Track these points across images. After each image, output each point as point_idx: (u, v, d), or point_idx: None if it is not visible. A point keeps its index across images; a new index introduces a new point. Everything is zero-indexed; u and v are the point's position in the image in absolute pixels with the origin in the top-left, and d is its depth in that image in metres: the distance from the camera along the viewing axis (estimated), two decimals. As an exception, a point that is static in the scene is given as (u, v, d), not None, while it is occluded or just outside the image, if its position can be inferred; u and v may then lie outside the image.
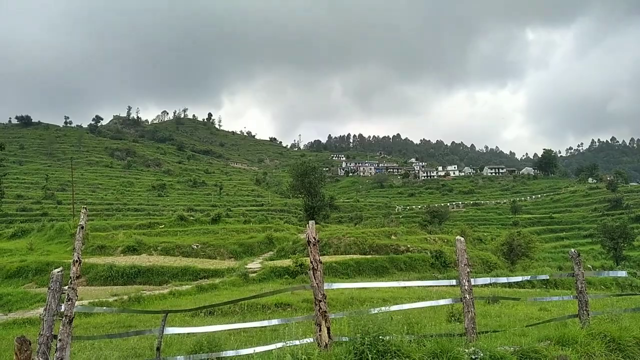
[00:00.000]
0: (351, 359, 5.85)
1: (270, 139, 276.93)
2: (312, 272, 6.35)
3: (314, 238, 6.50)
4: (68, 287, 4.95)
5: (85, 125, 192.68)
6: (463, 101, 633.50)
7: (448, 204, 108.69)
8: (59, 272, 6.09)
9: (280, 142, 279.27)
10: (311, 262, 6.39)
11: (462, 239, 7.04)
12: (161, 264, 25.73)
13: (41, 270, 25.68)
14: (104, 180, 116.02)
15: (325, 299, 6.34)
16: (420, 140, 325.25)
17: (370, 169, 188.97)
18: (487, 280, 8.83)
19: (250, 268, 24.47)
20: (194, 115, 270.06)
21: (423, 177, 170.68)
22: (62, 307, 5.99)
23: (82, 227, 5.14)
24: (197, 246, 31.67)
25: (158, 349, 6.02)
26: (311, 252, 6.45)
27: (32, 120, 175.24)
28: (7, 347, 9.58)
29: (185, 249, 31.06)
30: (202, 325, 9.44)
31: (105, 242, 32.07)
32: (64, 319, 4.88)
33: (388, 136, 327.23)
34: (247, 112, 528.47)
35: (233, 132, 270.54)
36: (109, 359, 6.72)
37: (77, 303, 6.11)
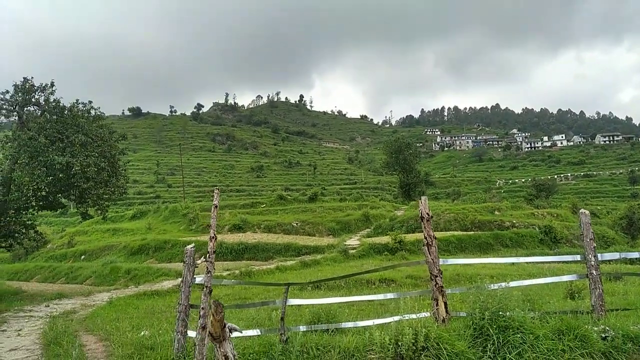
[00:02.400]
0: (470, 334, 5.80)
1: (361, 116, 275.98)
2: (426, 248, 6.35)
3: (428, 214, 6.47)
4: (207, 261, 5.43)
5: (188, 113, 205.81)
6: (570, 63, 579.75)
7: (555, 177, 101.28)
8: (191, 248, 6.69)
9: (372, 120, 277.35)
10: (425, 238, 6.38)
11: (587, 212, 6.61)
12: (265, 240, 27.08)
13: (160, 248, 28.21)
14: (208, 164, 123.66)
15: (441, 274, 6.32)
16: (522, 109, 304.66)
17: (468, 142, 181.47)
18: (615, 255, 8.21)
19: (349, 245, 24.91)
20: (286, 98, 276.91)
21: (526, 149, 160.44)
22: (197, 278, 6.60)
23: (216, 207, 5.57)
24: (296, 224, 32.84)
25: (282, 318, 6.41)
26: (425, 227, 6.44)
27: (142, 111, 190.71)
28: (144, 313, 10.77)
29: (286, 226, 32.33)
30: (311, 297, 9.89)
31: (213, 221, 34.33)
32: (204, 289, 5.37)
33: (486, 107, 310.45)
34: (337, 91, 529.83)
35: (324, 112, 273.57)
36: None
37: (200, 277, 6.69)
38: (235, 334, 4.56)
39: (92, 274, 23.11)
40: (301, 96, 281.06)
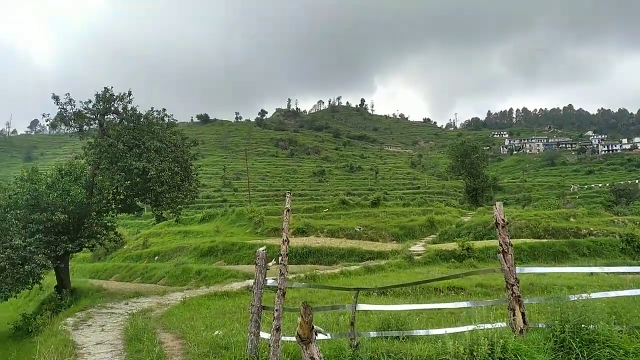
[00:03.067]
0: (551, 347, 5.53)
1: (424, 120, 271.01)
2: (502, 256, 6.13)
3: (503, 220, 6.25)
4: (279, 264, 5.54)
5: (252, 119, 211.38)
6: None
7: (637, 181, 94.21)
8: (263, 250, 6.86)
9: (435, 123, 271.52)
10: (500, 245, 6.17)
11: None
12: (329, 245, 27.18)
13: (227, 250, 29.07)
14: (271, 168, 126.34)
15: (517, 283, 6.07)
16: (598, 110, 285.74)
17: (538, 145, 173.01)
18: None
19: (414, 251, 24.46)
20: (347, 102, 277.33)
21: (603, 152, 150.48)
22: (268, 281, 6.76)
23: (288, 210, 5.69)
24: (359, 229, 32.72)
25: (352, 323, 6.42)
26: (500, 234, 6.22)
27: (210, 118, 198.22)
28: (216, 313, 11.15)
29: (348, 231, 32.29)
30: (378, 303, 9.81)
31: (277, 224, 34.93)
32: (278, 291, 5.48)
33: (557, 108, 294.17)
34: (399, 94, 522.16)
35: (386, 115, 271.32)
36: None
37: (271, 279, 6.82)
38: (320, 337, 4.62)
39: (165, 274, 24.24)
40: (362, 100, 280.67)
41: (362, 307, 7.20)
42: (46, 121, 20.85)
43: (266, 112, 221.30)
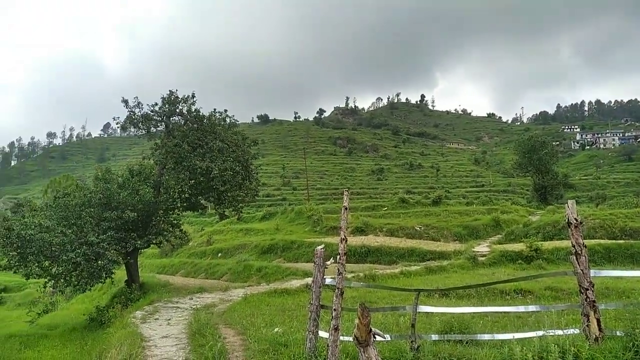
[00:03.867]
0: (630, 357, 5.09)
1: (488, 114, 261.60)
2: (575, 258, 5.72)
3: (576, 219, 5.83)
4: (338, 263, 5.47)
5: (310, 118, 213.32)
6: None
7: None
8: (321, 249, 6.82)
9: (500, 117, 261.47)
10: (573, 247, 5.76)
11: None
12: (388, 244, 26.81)
13: (287, 248, 29.43)
14: (329, 167, 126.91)
15: (592, 287, 5.64)
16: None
17: (613, 139, 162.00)
18: None
19: (477, 251, 23.60)
20: (407, 99, 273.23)
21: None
22: (327, 279, 6.71)
23: (346, 209, 5.60)
24: (420, 228, 32.04)
25: (413, 325, 6.24)
26: (573, 235, 5.81)
27: (269, 118, 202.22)
28: (276, 311, 11.27)
29: (408, 230, 31.70)
30: (440, 305, 9.50)
31: (336, 223, 34.94)
32: (336, 290, 5.41)
33: (635, 99, 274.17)
34: (461, 89, 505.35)
35: (447, 111, 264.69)
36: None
37: (330, 278, 6.76)
38: (378, 339, 4.51)
39: (228, 271, 24.91)
40: (422, 96, 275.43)
41: (423, 308, 6.99)
42: (117, 124, 21.99)
43: (324, 111, 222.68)
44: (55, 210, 18.25)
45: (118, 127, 21.90)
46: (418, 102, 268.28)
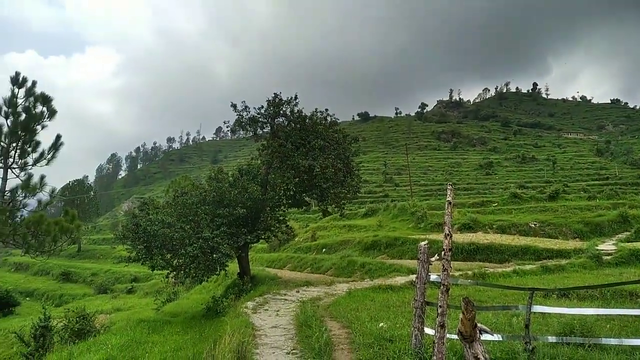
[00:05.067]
0: None
1: (612, 101, 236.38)
2: None
3: None
4: (442, 259, 5.30)
5: (412, 114, 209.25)
6: None
7: None
8: (425, 244, 6.66)
9: (626, 104, 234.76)
10: None
11: None
12: (499, 242, 25.41)
13: (390, 244, 29.14)
14: (433, 162, 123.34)
15: None
16: None
17: None
18: None
19: (602, 249, 21.46)
20: (517, 88, 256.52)
21: None
22: (431, 276, 6.53)
23: (450, 203, 5.40)
24: (535, 224, 29.94)
25: (527, 326, 5.84)
26: None
27: (370, 115, 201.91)
28: (380, 306, 11.22)
29: (521, 227, 29.78)
30: (559, 306, 8.76)
31: (440, 219, 33.91)
32: (441, 287, 5.25)
33: None
34: (578, 75, 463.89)
35: (563, 99, 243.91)
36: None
37: (435, 275, 6.54)
38: (486, 337, 4.30)
39: (332, 266, 25.33)
40: (534, 84, 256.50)
41: (538, 308, 6.50)
42: (227, 127, 23.38)
43: (426, 105, 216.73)
44: (175, 208, 19.90)
45: (228, 130, 23.30)
46: (530, 91, 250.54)
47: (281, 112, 21.42)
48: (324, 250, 33.84)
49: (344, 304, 12.10)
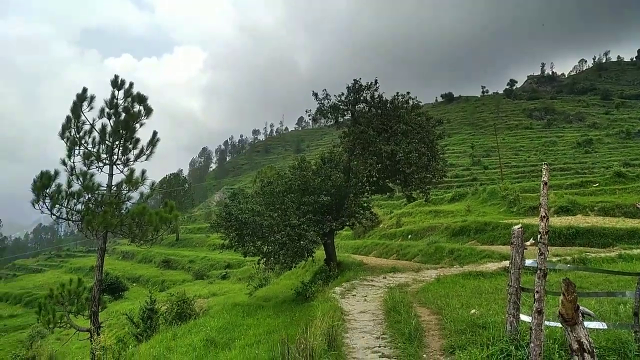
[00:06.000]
0: None
1: None
2: None
3: None
4: (539, 242, 5.01)
5: (500, 92, 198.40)
6: None
7: None
8: (519, 228, 6.33)
9: None
10: None
11: None
12: (601, 225, 23.54)
13: (480, 230, 28.07)
14: (525, 142, 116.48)
15: None
16: None
17: None
18: None
19: None
20: (618, 57, 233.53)
21: None
22: (526, 261, 6.21)
23: (546, 184, 5.09)
24: (643, 205, 27.32)
25: (636, 314, 5.37)
26: None
27: (454, 96, 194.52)
28: (471, 293, 10.88)
29: (627, 208, 27.30)
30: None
31: (534, 202, 32.06)
32: (538, 272, 4.97)
33: None
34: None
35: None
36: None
37: (530, 260, 6.20)
38: (589, 324, 4.03)
39: (418, 252, 24.96)
40: (639, 51, 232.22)
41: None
42: (309, 116, 23.74)
43: (515, 82, 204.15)
44: (263, 197, 20.65)
45: (310, 119, 23.61)
46: (634, 59, 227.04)
47: (361, 98, 21.32)
48: (409, 236, 33.43)
49: (433, 291, 11.90)
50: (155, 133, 19.59)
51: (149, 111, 19.51)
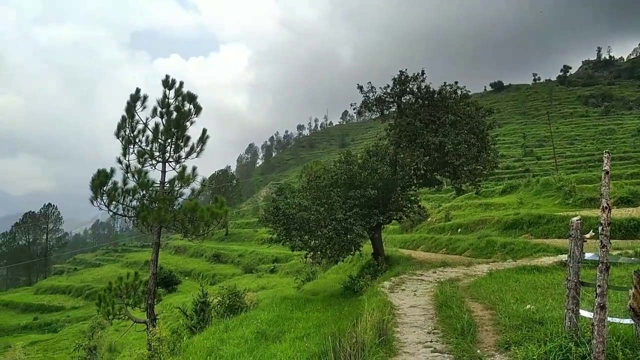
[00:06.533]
0: None
1: None
2: None
3: None
4: (600, 234, 4.77)
5: (553, 79, 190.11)
6: None
7: None
8: (577, 220, 6.05)
9: None
10: None
11: None
12: (668, 216, 22.18)
13: (534, 223, 27.09)
14: (581, 130, 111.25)
15: None
16: None
17: None
18: None
19: None
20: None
21: None
22: (586, 254, 5.93)
23: (607, 173, 4.84)
24: None
25: None
26: None
27: (504, 85, 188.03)
28: (526, 287, 10.51)
29: (698, 198, 25.63)
30: None
31: (592, 194, 30.62)
32: (599, 265, 4.74)
33: None
34: None
35: None
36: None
37: (590, 253, 5.91)
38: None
39: (469, 246, 24.40)
40: None
41: None
42: (353, 109, 23.57)
43: (569, 68, 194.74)
44: (309, 191, 20.77)
45: (355, 112, 23.45)
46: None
47: (408, 89, 21.00)
48: (459, 230, 32.74)
49: (485, 285, 11.59)
50: (204, 131, 20.11)
51: (198, 109, 20.04)
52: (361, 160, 22.11)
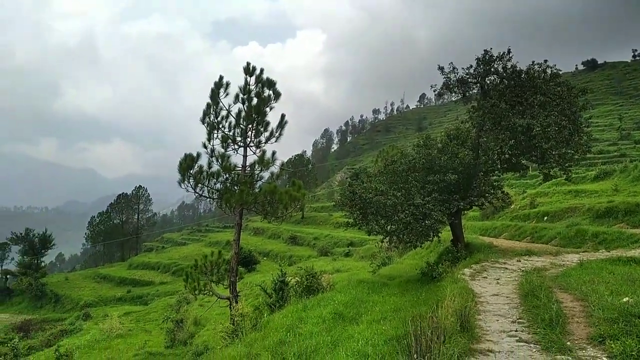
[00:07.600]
0: None
1: None
2: None
3: None
4: None
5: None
6: None
7: None
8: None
9: None
10: None
11: None
12: None
13: (630, 212, 25.02)
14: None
15: None
16: None
17: None
18: None
19: None
20: None
21: None
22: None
23: None
24: None
25: None
26: None
27: (598, 63, 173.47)
28: (622, 280, 9.73)
29: None
30: None
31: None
32: None
33: None
34: None
35: None
36: None
37: None
38: None
39: (556, 235, 23.09)
40: None
41: None
42: (433, 91, 22.89)
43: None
44: (386, 176, 20.55)
45: (435, 94, 22.79)
46: None
47: (492, 69, 20.01)
48: (545, 218, 31.03)
49: (575, 276, 10.91)
50: (283, 116, 20.57)
51: (277, 95, 20.50)
52: (441, 144, 21.48)
